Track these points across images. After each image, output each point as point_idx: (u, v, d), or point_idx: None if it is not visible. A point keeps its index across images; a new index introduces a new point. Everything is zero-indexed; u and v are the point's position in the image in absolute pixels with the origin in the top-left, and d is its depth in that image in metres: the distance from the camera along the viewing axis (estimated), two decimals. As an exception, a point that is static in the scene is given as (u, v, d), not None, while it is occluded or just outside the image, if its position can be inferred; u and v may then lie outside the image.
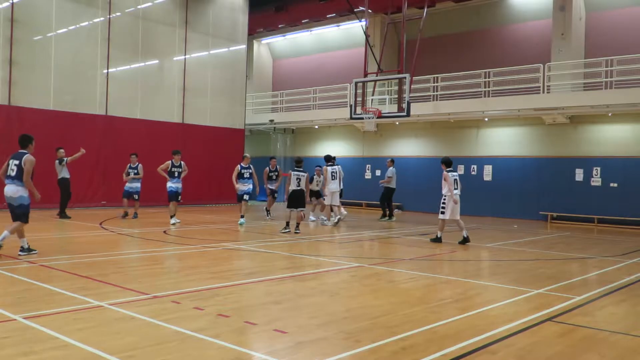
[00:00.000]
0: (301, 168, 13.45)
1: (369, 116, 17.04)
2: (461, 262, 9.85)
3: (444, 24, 23.15)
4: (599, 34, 19.73)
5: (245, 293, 6.69)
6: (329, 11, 24.51)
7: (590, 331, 5.33)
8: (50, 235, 11.74)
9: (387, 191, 17.85)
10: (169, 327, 4.94)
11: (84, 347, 4.32)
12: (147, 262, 8.72)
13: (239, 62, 23.79)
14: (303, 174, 13.32)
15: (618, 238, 14.58)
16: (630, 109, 17.17)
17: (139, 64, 20.35)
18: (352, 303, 6.24)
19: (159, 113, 20.84)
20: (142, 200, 19.38)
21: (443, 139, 21.93)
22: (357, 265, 8.95)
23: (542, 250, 11.46)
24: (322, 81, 26.11)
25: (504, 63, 20.40)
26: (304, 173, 13.38)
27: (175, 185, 14.13)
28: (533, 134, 19.83)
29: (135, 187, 15.45)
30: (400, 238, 12.95)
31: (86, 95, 18.83)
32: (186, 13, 21.54)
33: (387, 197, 17.89)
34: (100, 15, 19.13)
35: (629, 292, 7.29)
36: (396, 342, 4.73)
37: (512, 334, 5.11)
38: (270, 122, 25.62)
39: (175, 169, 14.11)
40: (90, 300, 5.84)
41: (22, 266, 7.81)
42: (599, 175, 18.22)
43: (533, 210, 19.46)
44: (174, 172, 14.09)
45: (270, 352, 4.42)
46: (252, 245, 10.93)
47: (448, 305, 6.19)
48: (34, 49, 17.75)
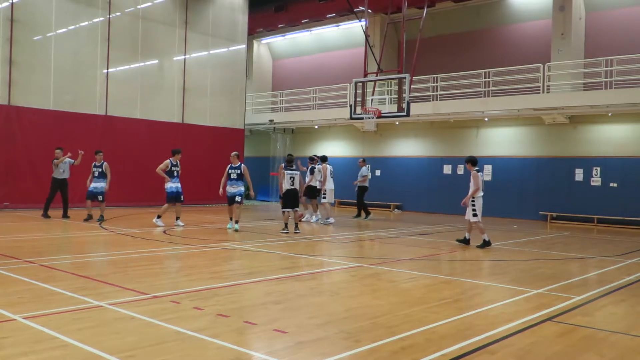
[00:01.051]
0: (292, 167, 13.41)
1: (368, 116, 17.03)
2: (461, 262, 9.86)
3: (444, 24, 23.16)
4: (598, 34, 19.73)
5: (245, 293, 6.69)
6: (329, 11, 24.51)
7: (589, 331, 5.33)
8: (50, 235, 11.74)
9: (361, 191, 18.18)
10: (168, 327, 4.94)
11: (83, 347, 4.32)
12: (146, 262, 8.71)
13: (239, 62, 23.79)
14: (296, 172, 13.30)
15: (617, 238, 14.58)
16: (630, 109, 17.17)
17: (139, 63, 20.36)
18: (351, 303, 6.24)
19: (158, 113, 20.84)
20: (141, 200, 19.48)
21: (443, 139, 21.94)
22: (357, 265, 8.95)
23: (541, 250, 11.47)
24: (321, 81, 26.11)
25: (504, 63, 20.41)
26: (297, 171, 13.36)
27: (176, 185, 13.65)
28: (533, 134, 19.83)
29: (99, 187, 14.32)
30: (400, 238, 12.95)
31: (86, 95, 18.83)
32: (186, 13, 21.54)
33: (361, 197, 18.20)
34: (100, 15, 19.13)
35: (629, 292, 7.30)
36: (396, 342, 4.73)
37: (512, 333, 5.11)
38: (270, 122, 25.63)
39: (175, 168, 13.68)
40: (89, 300, 5.84)
41: (22, 266, 7.80)
42: (598, 175, 18.23)
43: (533, 210, 19.47)
44: (174, 171, 13.64)
45: (270, 352, 4.42)
46: (251, 245, 10.93)
47: (447, 305, 6.19)
48: (34, 49, 17.75)
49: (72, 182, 15.38)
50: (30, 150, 17.15)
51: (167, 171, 13.56)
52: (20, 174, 17.11)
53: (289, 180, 13.15)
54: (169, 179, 13.58)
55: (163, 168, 13.51)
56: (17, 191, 17.03)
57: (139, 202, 19.36)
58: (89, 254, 9.73)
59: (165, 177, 13.59)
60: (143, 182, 19.37)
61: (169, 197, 13.62)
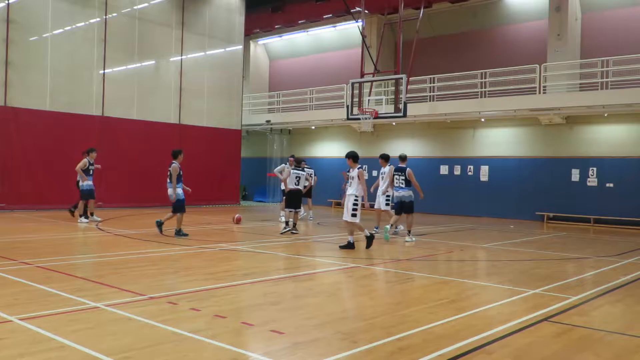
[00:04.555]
0: (300, 167, 13.50)
1: (365, 117, 17.05)
2: (457, 262, 9.87)
3: (441, 24, 23.20)
4: (594, 35, 19.79)
5: (242, 294, 6.69)
6: (326, 12, 24.52)
7: (586, 331, 5.35)
8: (46, 237, 11.70)
9: None
10: (165, 328, 4.93)
11: (80, 349, 4.31)
12: (143, 263, 8.70)
13: (236, 63, 23.77)
14: (302, 173, 13.34)
15: (614, 238, 14.62)
16: (626, 110, 17.23)
17: (136, 64, 20.33)
18: (349, 303, 6.24)
19: (155, 114, 20.81)
20: (138, 201, 19.46)
21: (440, 140, 21.96)
22: (354, 265, 8.95)
23: (538, 250, 11.49)
24: (318, 82, 26.11)
25: (500, 63, 20.45)
26: (303, 172, 13.40)
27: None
28: (529, 134, 19.87)
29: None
30: (397, 238, 12.95)
31: (82, 96, 18.79)
32: (182, 14, 21.51)
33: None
34: (97, 16, 19.09)
35: (625, 292, 7.32)
36: (393, 343, 4.73)
37: (509, 334, 5.12)
38: (266, 122, 25.63)
39: (90, 167, 13.87)
40: (86, 301, 5.83)
41: (18, 267, 7.78)
42: (595, 176, 18.28)
43: (529, 210, 19.50)
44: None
45: (267, 353, 4.42)
46: (248, 246, 10.93)
47: (445, 306, 6.20)
48: (30, 50, 17.70)
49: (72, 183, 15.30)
50: (27, 151, 17.08)
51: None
52: (16, 175, 17.05)
53: (294, 179, 13.15)
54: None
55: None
56: (13, 192, 16.98)
57: (135, 203, 19.33)
58: (85, 255, 9.71)
59: (84, 176, 13.84)
60: (140, 183, 19.34)
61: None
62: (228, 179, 23.23)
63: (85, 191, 14.16)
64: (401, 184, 12.42)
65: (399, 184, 12.42)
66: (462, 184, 20.98)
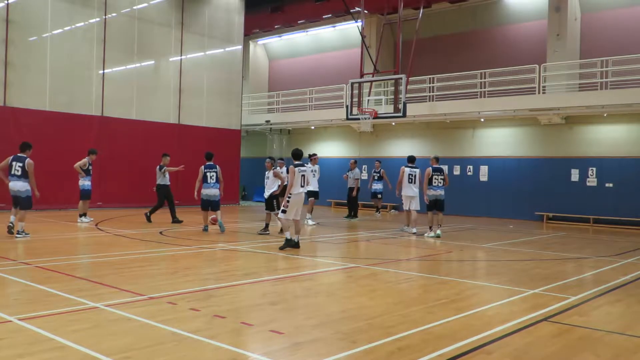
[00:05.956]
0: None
1: (365, 117, 17.05)
2: (457, 262, 9.88)
3: (440, 24, 23.20)
4: (594, 35, 19.79)
5: (242, 294, 6.69)
6: (325, 12, 24.51)
7: (586, 331, 5.35)
8: (46, 237, 11.69)
9: (351, 191, 18.40)
10: (165, 328, 4.94)
11: (80, 349, 4.31)
12: (143, 263, 8.70)
13: (235, 63, 23.76)
14: (306, 170, 13.31)
15: (613, 238, 14.63)
16: (626, 110, 17.24)
17: (135, 64, 20.31)
18: (348, 303, 6.24)
19: (154, 114, 20.79)
20: (137, 201, 19.42)
21: (439, 140, 21.97)
22: (354, 265, 8.95)
23: (537, 250, 11.49)
24: (318, 82, 26.11)
25: (500, 64, 20.46)
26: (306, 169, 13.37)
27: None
28: (529, 134, 19.88)
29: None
30: (397, 238, 12.96)
31: (82, 96, 18.77)
32: (182, 14, 21.50)
33: (353, 197, 18.38)
34: (96, 16, 19.08)
35: (625, 292, 7.32)
36: (392, 343, 4.74)
37: (508, 334, 5.13)
38: (266, 122, 25.63)
39: (90, 167, 14.37)
40: (86, 301, 5.83)
41: (18, 267, 7.78)
42: (594, 176, 18.28)
43: (529, 210, 19.51)
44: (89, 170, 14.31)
45: (266, 353, 4.42)
46: (247, 246, 10.93)
47: (444, 306, 6.20)
48: (29, 50, 17.69)
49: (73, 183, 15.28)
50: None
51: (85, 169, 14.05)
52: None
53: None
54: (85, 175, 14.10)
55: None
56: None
57: (134, 203, 19.31)
58: (85, 255, 9.71)
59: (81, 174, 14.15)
60: (139, 183, 19.32)
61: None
62: (227, 179, 23.18)
63: (84, 191, 14.28)
64: (439, 183, 13.25)
65: (438, 183, 13.23)
66: (461, 184, 20.97)
